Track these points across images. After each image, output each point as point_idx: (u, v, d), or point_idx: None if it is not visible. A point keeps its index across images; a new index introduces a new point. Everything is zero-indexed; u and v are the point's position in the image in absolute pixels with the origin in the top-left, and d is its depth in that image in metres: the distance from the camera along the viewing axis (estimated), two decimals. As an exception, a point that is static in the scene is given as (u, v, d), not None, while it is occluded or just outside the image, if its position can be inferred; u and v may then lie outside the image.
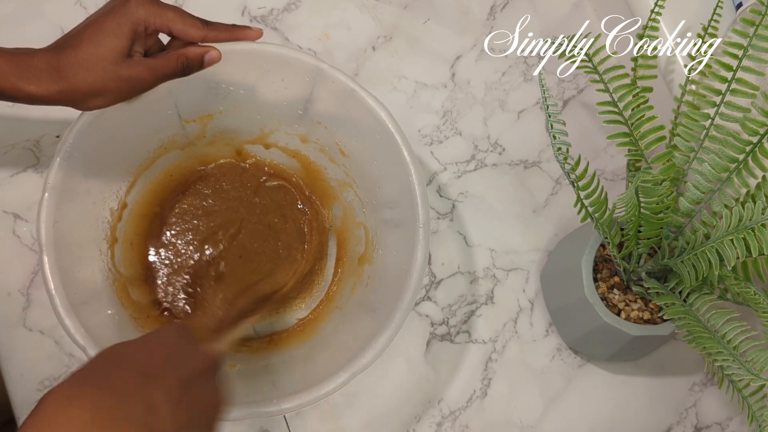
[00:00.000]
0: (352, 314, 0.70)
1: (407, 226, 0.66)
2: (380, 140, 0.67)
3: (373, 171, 0.71)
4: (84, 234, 0.66)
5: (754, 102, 0.63)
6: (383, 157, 0.68)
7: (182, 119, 0.70)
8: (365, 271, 0.71)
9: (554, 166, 0.84)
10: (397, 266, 0.66)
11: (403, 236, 0.66)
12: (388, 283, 0.67)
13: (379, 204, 0.71)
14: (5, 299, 0.71)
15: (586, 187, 0.63)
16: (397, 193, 0.68)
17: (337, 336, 0.68)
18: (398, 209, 0.68)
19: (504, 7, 0.89)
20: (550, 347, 0.78)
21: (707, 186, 0.66)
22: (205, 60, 0.62)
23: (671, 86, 0.76)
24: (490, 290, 0.79)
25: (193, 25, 0.61)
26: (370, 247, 0.72)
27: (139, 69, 0.58)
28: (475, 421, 0.75)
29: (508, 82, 0.86)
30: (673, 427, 0.78)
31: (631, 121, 0.66)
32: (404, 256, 0.65)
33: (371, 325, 0.64)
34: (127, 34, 0.57)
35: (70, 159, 0.62)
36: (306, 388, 0.60)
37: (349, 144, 0.71)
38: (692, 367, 0.80)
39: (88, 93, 0.57)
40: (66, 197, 0.62)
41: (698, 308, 0.65)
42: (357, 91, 0.67)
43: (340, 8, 0.86)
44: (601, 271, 0.73)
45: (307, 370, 0.65)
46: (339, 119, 0.70)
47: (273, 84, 0.69)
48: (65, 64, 0.56)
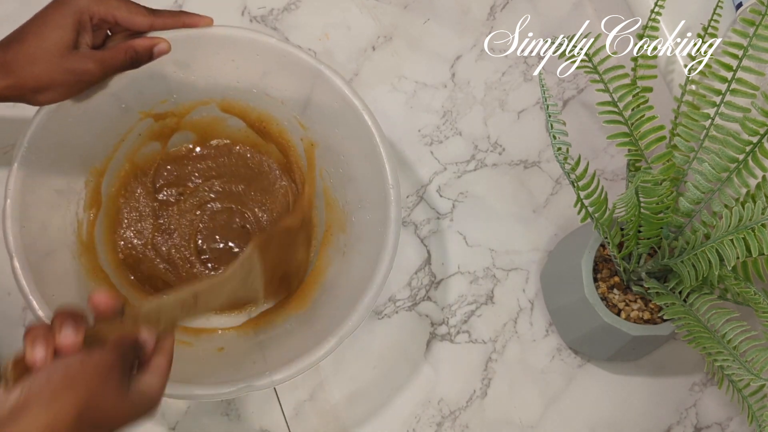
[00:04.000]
0: (334, 283, 0.70)
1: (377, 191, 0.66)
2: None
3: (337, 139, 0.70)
4: (54, 235, 0.65)
5: (754, 102, 0.63)
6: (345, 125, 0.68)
7: (137, 110, 0.70)
8: (341, 240, 0.72)
9: (554, 166, 0.84)
10: (372, 232, 0.66)
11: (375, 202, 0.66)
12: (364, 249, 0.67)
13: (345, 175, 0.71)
14: (5, 299, 0.71)
15: (586, 187, 0.63)
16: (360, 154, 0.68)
17: (323, 305, 0.69)
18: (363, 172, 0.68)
19: (504, 7, 0.89)
20: (550, 347, 0.79)
21: (707, 186, 0.66)
22: (154, 52, 0.62)
23: (671, 86, 0.76)
24: (490, 290, 0.79)
25: (139, 12, 0.60)
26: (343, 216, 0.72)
27: (86, 61, 0.58)
28: (475, 421, 0.75)
29: (508, 82, 0.86)
30: (673, 427, 0.78)
31: (631, 121, 0.66)
32: (378, 221, 0.65)
33: (355, 291, 0.64)
34: (71, 24, 0.56)
35: (29, 162, 0.61)
36: (296, 357, 0.60)
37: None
38: (692, 367, 0.80)
39: (35, 87, 0.56)
40: (31, 200, 0.62)
41: (698, 308, 0.65)
42: (292, 53, 0.66)
43: (340, 8, 0.86)
44: (601, 271, 0.73)
45: (296, 342, 0.65)
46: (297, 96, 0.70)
47: (225, 65, 0.69)
48: (12, 59, 0.55)
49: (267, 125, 0.74)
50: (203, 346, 0.68)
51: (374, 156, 0.66)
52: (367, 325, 0.76)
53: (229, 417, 0.72)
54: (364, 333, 0.76)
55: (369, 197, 0.68)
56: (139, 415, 0.48)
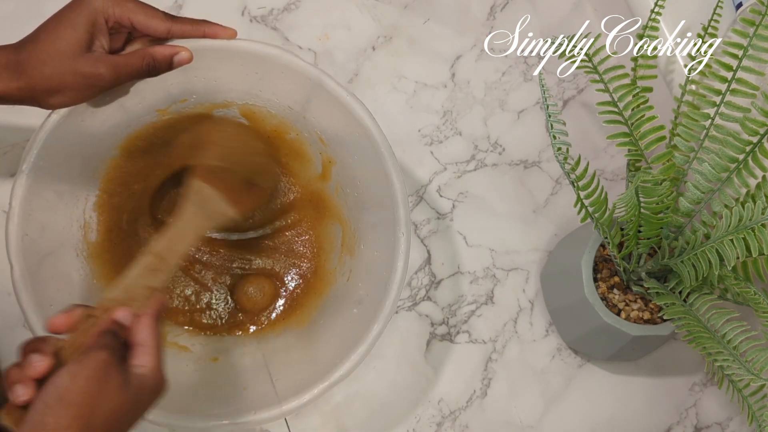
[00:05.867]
0: (341, 302, 0.70)
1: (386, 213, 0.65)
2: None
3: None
4: (59, 236, 0.64)
5: (754, 102, 0.63)
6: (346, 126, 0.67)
7: (155, 109, 0.67)
8: (346, 264, 0.71)
9: (554, 166, 0.84)
10: (379, 258, 0.66)
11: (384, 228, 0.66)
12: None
13: (359, 198, 0.70)
14: (5, 299, 0.71)
15: (586, 187, 0.63)
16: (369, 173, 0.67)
17: (326, 328, 0.69)
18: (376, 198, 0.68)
19: (504, 7, 0.89)
20: (550, 347, 0.79)
21: (707, 186, 0.66)
22: (174, 61, 0.59)
23: (671, 86, 0.76)
24: (490, 290, 0.79)
25: (156, 17, 0.58)
26: (351, 239, 0.72)
27: (99, 65, 0.55)
28: (475, 421, 0.75)
29: (508, 82, 0.86)
30: (673, 427, 0.78)
31: (631, 121, 0.66)
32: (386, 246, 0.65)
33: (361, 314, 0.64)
34: (84, 25, 0.55)
35: (36, 168, 0.60)
36: (285, 398, 0.61)
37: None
38: (692, 367, 0.80)
39: (46, 89, 0.55)
40: (36, 205, 0.61)
41: (698, 308, 0.65)
42: (324, 81, 0.64)
43: (340, 8, 0.86)
44: (601, 271, 0.73)
45: (291, 372, 0.65)
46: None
47: (248, 75, 0.66)
48: (25, 59, 0.54)
49: (283, 134, 0.72)
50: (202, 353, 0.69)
51: (389, 194, 0.64)
52: (367, 325, 0.76)
53: (229, 417, 0.72)
54: (364, 333, 0.76)
55: (380, 228, 0.67)
56: (148, 400, 0.47)
